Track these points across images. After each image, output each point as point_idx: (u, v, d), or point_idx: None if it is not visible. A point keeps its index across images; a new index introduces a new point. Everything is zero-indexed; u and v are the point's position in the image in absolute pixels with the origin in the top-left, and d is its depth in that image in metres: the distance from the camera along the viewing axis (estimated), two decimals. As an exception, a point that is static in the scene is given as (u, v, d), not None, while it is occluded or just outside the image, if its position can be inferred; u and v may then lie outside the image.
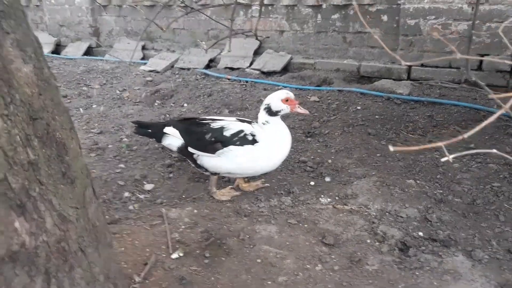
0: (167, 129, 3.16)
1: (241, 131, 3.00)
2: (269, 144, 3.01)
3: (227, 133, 2.99)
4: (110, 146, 4.27)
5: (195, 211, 3.04)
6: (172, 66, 7.61)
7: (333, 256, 2.52)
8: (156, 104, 5.71)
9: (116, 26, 8.92)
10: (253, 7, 7.26)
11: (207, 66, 7.49)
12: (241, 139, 2.98)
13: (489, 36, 5.43)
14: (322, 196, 3.16)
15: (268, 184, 3.36)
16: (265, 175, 3.49)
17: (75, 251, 1.47)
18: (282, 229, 2.79)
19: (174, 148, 3.20)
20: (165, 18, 7.81)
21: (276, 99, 3.00)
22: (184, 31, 8.20)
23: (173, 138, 3.17)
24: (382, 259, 2.48)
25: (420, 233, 2.68)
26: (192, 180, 3.54)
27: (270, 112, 3.01)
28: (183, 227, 2.87)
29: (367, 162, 3.63)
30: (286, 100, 2.99)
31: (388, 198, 3.04)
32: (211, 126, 3.05)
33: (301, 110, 3.03)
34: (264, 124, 3.04)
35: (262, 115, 3.04)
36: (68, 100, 5.91)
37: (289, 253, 2.55)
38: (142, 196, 3.34)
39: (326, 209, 2.99)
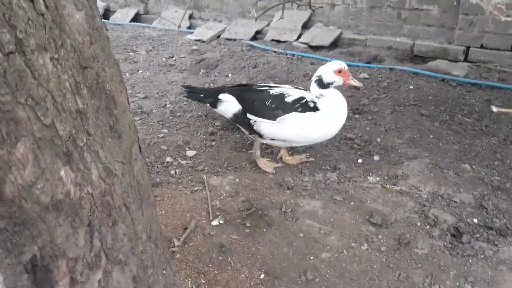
0: (222, 96, 3.07)
1: (302, 97, 2.87)
2: (330, 112, 2.87)
3: (288, 100, 2.87)
4: (154, 111, 4.26)
5: (237, 180, 2.98)
6: (218, 36, 7.51)
7: (380, 237, 2.40)
8: (201, 72, 5.65)
9: (164, -7, 8.89)
10: (305, -21, 7.01)
11: (254, 38, 7.33)
12: (302, 106, 2.85)
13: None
14: (370, 174, 3.02)
15: (313, 159, 3.24)
16: (309, 149, 3.38)
17: (119, 206, 1.42)
18: (326, 205, 2.68)
19: (230, 114, 3.09)
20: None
21: (329, 70, 2.85)
22: (232, 1, 8.06)
23: (229, 104, 3.05)
24: (432, 243, 2.34)
25: (475, 220, 2.52)
26: (234, 149, 3.48)
27: (322, 84, 2.87)
28: (224, 195, 2.82)
29: (419, 143, 3.43)
30: (339, 72, 2.84)
31: (441, 182, 2.87)
32: (270, 93, 2.93)
33: (355, 82, 2.86)
34: (318, 98, 2.90)
35: (314, 88, 2.90)
36: (115, 65, 5.93)
37: (334, 230, 2.45)
38: (183, 162, 3.31)
39: (374, 188, 2.85)
